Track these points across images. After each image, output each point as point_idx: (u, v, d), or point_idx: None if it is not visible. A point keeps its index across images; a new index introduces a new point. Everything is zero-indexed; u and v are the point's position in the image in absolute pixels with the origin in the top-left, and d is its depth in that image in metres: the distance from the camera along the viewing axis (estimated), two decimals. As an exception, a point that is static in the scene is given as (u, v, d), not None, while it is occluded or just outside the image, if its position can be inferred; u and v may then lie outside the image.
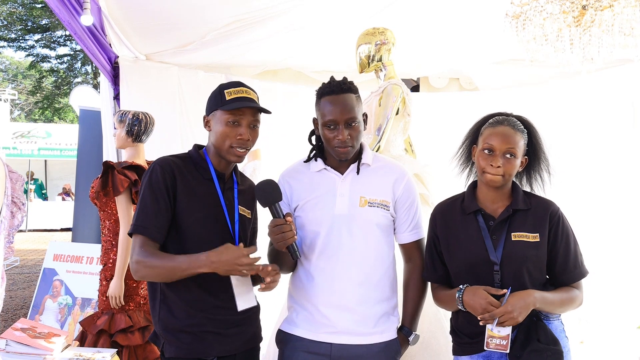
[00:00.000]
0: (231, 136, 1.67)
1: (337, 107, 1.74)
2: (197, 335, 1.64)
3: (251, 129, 1.70)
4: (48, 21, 20.09)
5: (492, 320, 1.61)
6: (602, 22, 2.44)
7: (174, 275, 1.58)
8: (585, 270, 1.76)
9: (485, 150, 1.72)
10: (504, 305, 1.59)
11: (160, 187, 1.62)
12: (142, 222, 1.61)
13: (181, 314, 1.64)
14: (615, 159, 4.26)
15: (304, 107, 3.10)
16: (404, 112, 3.07)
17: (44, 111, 23.68)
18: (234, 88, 1.69)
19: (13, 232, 1.54)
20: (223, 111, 1.67)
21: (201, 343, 1.64)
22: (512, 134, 1.71)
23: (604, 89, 4.38)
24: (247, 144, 1.69)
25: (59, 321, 4.23)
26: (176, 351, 1.64)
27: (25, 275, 7.89)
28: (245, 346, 1.73)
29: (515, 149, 1.70)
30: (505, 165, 1.69)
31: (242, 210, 1.76)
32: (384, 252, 1.83)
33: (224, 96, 1.68)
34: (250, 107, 1.68)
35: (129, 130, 2.91)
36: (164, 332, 1.66)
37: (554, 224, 1.72)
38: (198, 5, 3.58)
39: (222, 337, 1.66)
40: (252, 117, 1.69)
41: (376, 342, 1.77)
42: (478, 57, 4.69)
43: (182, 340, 1.63)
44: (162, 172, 1.64)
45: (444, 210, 1.86)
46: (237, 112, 1.66)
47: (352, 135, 1.76)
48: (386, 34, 3.17)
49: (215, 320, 1.66)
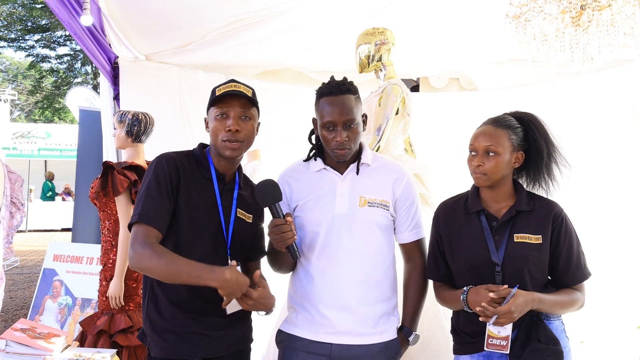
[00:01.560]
0: (221, 129, 1.66)
1: (336, 108, 1.73)
2: (183, 336, 1.63)
3: (241, 121, 1.68)
4: (48, 21, 20.09)
5: (491, 316, 1.60)
6: (601, 21, 2.44)
7: (176, 276, 1.52)
8: (587, 273, 1.75)
9: (471, 152, 1.76)
10: (508, 304, 1.59)
11: (167, 180, 1.61)
12: (147, 212, 1.57)
13: (168, 314, 1.63)
14: (615, 159, 4.26)
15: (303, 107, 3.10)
16: (404, 112, 3.07)
17: (43, 111, 23.68)
18: (224, 85, 1.70)
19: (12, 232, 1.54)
20: (213, 107, 1.69)
21: (186, 344, 1.63)
22: (492, 132, 1.71)
23: (604, 89, 4.37)
24: (237, 136, 1.66)
25: (59, 321, 4.23)
26: (161, 351, 1.63)
27: (25, 276, 7.88)
28: (233, 349, 1.71)
29: (495, 146, 1.69)
30: (486, 164, 1.70)
31: (240, 213, 1.74)
32: (384, 252, 1.83)
33: (214, 94, 1.69)
34: (237, 98, 1.67)
35: (129, 131, 2.90)
36: (150, 331, 1.65)
37: (557, 226, 1.71)
38: (198, 5, 3.58)
39: (209, 339, 1.65)
40: (241, 108, 1.68)
41: (376, 342, 1.77)
42: (478, 57, 4.69)
43: (167, 341, 1.62)
44: (168, 166, 1.64)
45: (448, 209, 1.86)
46: (224, 105, 1.66)
47: (350, 137, 1.75)
48: (386, 33, 3.17)
49: (202, 322, 1.64)
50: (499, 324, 1.61)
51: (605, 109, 4.37)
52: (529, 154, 1.78)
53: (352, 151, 1.79)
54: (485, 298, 1.61)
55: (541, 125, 1.78)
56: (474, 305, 1.65)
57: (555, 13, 2.47)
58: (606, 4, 2.40)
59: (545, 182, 1.80)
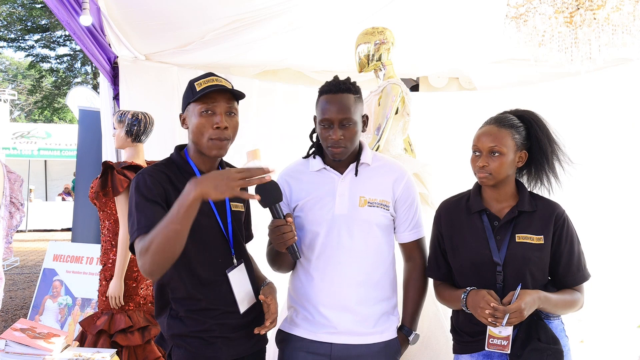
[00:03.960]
0: (207, 126, 1.57)
1: (333, 106, 1.73)
2: (206, 340, 1.61)
3: (228, 117, 1.60)
4: (47, 21, 20.08)
5: (502, 318, 1.58)
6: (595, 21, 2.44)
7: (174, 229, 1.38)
8: (587, 274, 1.76)
9: (474, 152, 1.75)
10: (517, 302, 1.58)
11: (153, 193, 1.54)
12: (141, 225, 1.48)
13: (190, 322, 1.61)
14: (615, 159, 4.26)
15: (303, 107, 3.10)
16: (403, 112, 3.07)
17: (43, 111, 23.67)
18: (203, 79, 1.62)
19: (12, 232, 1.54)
20: (195, 103, 1.59)
21: (210, 347, 1.62)
22: (495, 132, 1.71)
23: (604, 88, 4.37)
24: (226, 134, 1.59)
25: (59, 321, 4.23)
26: (185, 355, 1.61)
27: (25, 276, 7.89)
28: (253, 349, 1.71)
29: (499, 146, 1.69)
30: (491, 164, 1.69)
31: (234, 206, 1.73)
32: (384, 251, 1.83)
33: (194, 88, 1.60)
34: (221, 93, 1.58)
35: (128, 131, 2.90)
36: (171, 338, 1.63)
37: (559, 227, 1.71)
38: (197, 5, 3.58)
39: (230, 340, 1.65)
40: (227, 103, 1.60)
41: (376, 342, 1.76)
42: (477, 56, 4.69)
43: (191, 345, 1.61)
44: (152, 179, 1.56)
45: (449, 208, 1.86)
46: (209, 101, 1.57)
47: (346, 136, 1.74)
48: (385, 33, 3.17)
49: (223, 325, 1.63)
50: (510, 323, 1.59)
51: (605, 109, 4.37)
52: (532, 153, 1.77)
53: (348, 150, 1.78)
54: (485, 300, 1.61)
55: (543, 123, 1.78)
56: (472, 306, 1.65)
57: (550, 13, 2.48)
58: (602, 2, 2.40)
59: (548, 181, 1.80)
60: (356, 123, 1.76)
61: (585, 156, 4.14)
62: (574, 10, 2.44)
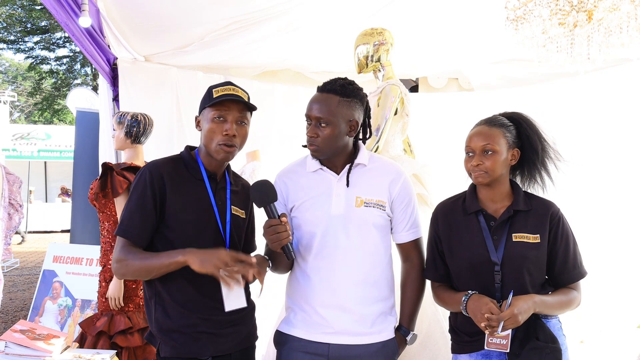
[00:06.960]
0: (217, 132, 1.67)
1: (314, 104, 1.76)
2: (191, 336, 1.65)
3: (238, 126, 1.70)
4: (47, 23, 20.10)
5: (497, 326, 1.59)
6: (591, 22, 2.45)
7: (148, 272, 1.61)
8: (584, 271, 1.77)
9: (467, 153, 1.78)
10: (510, 308, 1.59)
11: (147, 192, 1.63)
12: (126, 226, 1.64)
13: (175, 315, 1.65)
14: (615, 159, 4.26)
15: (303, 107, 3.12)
16: (403, 113, 3.07)
17: (43, 112, 23.68)
18: (222, 87, 1.70)
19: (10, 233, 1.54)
20: (210, 108, 1.69)
21: (195, 343, 1.65)
22: (486, 131, 1.74)
23: (604, 88, 4.37)
24: (234, 141, 1.68)
25: (59, 323, 4.23)
26: (171, 351, 1.65)
27: (25, 277, 7.89)
28: (240, 346, 1.74)
29: (492, 144, 1.72)
30: (485, 162, 1.71)
31: (235, 210, 1.76)
32: (381, 252, 1.83)
33: (211, 94, 1.69)
34: (235, 103, 1.68)
35: (128, 132, 2.91)
36: (159, 333, 1.67)
37: (554, 225, 1.72)
38: (197, 6, 3.58)
39: (217, 337, 1.67)
40: (239, 113, 1.69)
41: (374, 342, 1.76)
42: (476, 57, 4.70)
43: (176, 340, 1.65)
44: (151, 176, 1.65)
45: (446, 209, 1.87)
46: (223, 108, 1.67)
47: (320, 136, 1.74)
48: (384, 34, 3.17)
49: (209, 321, 1.67)
50: (505, 329, 1.60)
51: (604, 109, 4.37)
52: (524, 151, 1.80)
53: (322, 150, 1.77)
54: (488, 308, 1.61)
55: (531, 122, 1.82)
56: (473, 311, 1.65)
57: (546, 16, 2.49)
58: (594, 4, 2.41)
59: (541, 178, 1.82)
60: (334, 125, 1.74)
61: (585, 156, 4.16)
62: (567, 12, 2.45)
